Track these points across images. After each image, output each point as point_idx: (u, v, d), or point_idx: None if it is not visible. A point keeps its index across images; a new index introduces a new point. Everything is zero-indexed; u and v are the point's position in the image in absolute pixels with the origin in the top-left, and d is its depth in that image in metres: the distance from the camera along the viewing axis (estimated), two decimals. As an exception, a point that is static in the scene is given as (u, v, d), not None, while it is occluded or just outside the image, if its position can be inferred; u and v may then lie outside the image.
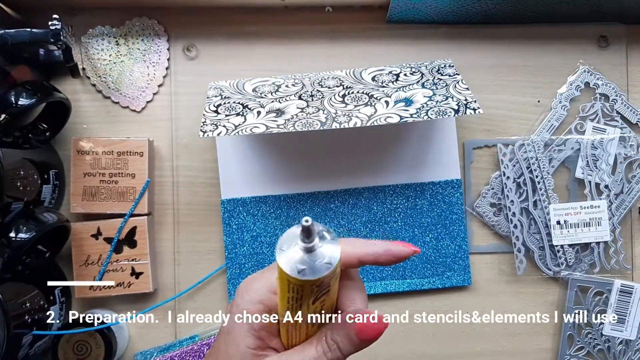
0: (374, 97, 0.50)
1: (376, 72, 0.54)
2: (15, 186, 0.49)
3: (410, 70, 0.54)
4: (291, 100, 0.50)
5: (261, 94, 0.52)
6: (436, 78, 0.52)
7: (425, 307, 0.57)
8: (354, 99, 0.50)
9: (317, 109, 0.48)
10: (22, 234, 0.47)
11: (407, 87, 0.51)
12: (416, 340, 0.57)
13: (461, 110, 0.46)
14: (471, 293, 0.57)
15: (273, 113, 0.48)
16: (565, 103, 0.57)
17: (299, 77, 0.55)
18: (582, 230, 0.56)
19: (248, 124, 0.47)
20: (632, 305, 0.55)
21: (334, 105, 0.49)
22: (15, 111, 0.48)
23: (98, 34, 0.57)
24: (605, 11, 0.56)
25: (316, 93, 0.51)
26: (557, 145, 0.56)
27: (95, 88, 0.57)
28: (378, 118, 0.46)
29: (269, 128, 0.46)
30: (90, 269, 0.54)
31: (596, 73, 0.57)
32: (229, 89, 0.53)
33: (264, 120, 0.47)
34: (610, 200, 0.56)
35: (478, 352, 0.57)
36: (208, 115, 0.49)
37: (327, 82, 0.53)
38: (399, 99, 0.48)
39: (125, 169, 0.54)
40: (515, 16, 0.57)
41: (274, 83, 0.54)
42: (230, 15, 0.57)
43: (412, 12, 0.55)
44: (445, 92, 0.49)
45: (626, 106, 0.57)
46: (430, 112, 0.46)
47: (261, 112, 0.48)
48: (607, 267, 0.56)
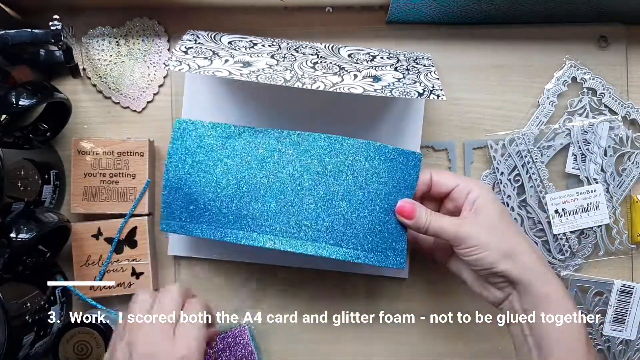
0: (345, 69, 0.49)
1: (354, 51, 0.54)
2: (16, 186, 0.49)
3: (387, 55, 0.54)
4: (262, 57, 0.50)
5: (235, 47, 0.52)
6: (411, 65, 0.52)
7: (426, 307, 0.57)
8: (325, 67, 0.49)
9: (285, 68, 0.48)
10: (22, 234, 0.47)
11: (380, 67, 0.50)
12: (416, 340, 0.57)
13: (425, 94, 0.45)
14: (471, 292, 0.57)
15: (240, 63, 0.48)
16: (553, 99, 0.57)
17: (277, 41, 0.55)
18: (581, 216, 0.56)
19: (212, 67, 0.46)
20: (632, 305, 0.55)
21: (303, 69, 0.48)
22: (15, 111, 0.48)
23: (99, 35, 0.57)
24: (605, 11, 0.56)
25: (289, 56, 0.51)
26: (547, 139, 0.56)
27: (95, 88, 0.57)
28: (342, 86, 0.45)
29: (232, 74, 0.45)
30: (91, 269, 0.54)
31: (582, 67, 0.57)
32: (204, 37, 0.53)
33: (229, 67, 0.47)
34: (607, 182, 0.56)
35: (478, 352, 0.57)
36: (176, 53, 0.49)
37: (303, 49, 0.53)
38: (368, 75, 0.48)
39: (126, 169, 0.54)
40: (515, 16, 0.57)
41: (251, 41, 0.54)
42: (230, 16, 0.57)
43: (412, 13, 0.55)
44: (415, 78, 0.49)
45: (614, 99, 0.57)
46: (395, 90, 0.45)
47: (229, 61, 0.48)
48: (612, 249, 0.56)
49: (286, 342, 0.57)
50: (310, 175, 0.49)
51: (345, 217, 0.49)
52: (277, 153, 0.49)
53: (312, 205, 0.49)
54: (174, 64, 0.46)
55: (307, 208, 0.49)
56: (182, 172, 0.50)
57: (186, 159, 0.50)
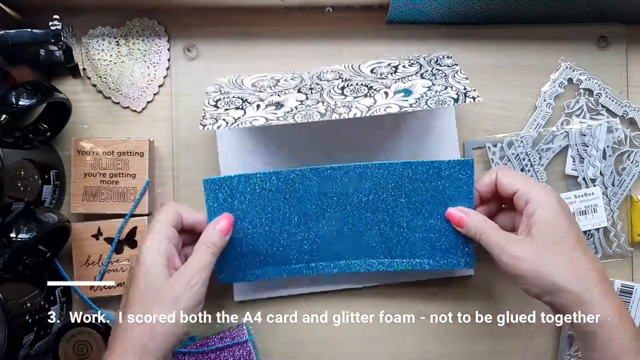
0: (373, 88, 0.49)
1: (375, 65, 0.54)
2: (16, 186, 0.49)
3: (408, 62, 0.54)
4: (290, 93, 0.50)
5: (260, 88, 0.52)
6: (435, 69, 0.52)
7: (426, 306, 0.57)
8: (353, 90, 0.50)
9: (316, 101, 0.48)
10: (22, 234, 0.47)
11: (406, 78, 0.51)
12: (416, 340, 0.57)
13: (460, 99, 0.45)
14: (471, 292, 0.57)
15: (272, 106, 0.48)
16: (550, 101, 0.57)
17: (297, 72, 0.55)
18: (579, 219, 0.56)
19: (248, 117, 0.46)
20: (632, 305, 0.55)
21: (334, 97, 0.49)
22: (15, 111, 0.48)
23: (99, 35, 0.57)
24: (605, 11, 0.56)
25: (315, 86, 0.51)
26: (545, 141, 0.56)
27: (95, 88, 0.57)
28: (378, 108, 0.45)
29: (269, 120, 0.45)
30: (91, 269, 0.54)
31: (578, 68, 0.57)
32: (228, 85, 0.53)
33: (263, 113, 0.47)
34: (605, 185, 0.56)
35: (478, 352, 0.57)
36: (207, 110, 0.49)
37: (325, 75, 0.53)
38: (398, 90, 0.48)
39: (126, 169, 0.54)
40: (515, 16, 0.57)
41: (273, 78, 0.54)
42: (230, 16, 0.57)
43: (412, 12, 0.55)
44: (444, 82, 0.49)
45: (611, 99, 0.57)
46: (430, 101, 0.45)
47: (260, 105, 0.48)
48: (609, 252, 0.56)
49: (286, 342, 0.57)
50: (364, 203, 0.51)
51: (403, 234, 0.51)
52: (327, 188, 0.51)
53: (372, 229, 0.51)
54: (211, 122, 0.46)
55: (367, 233, 0.51)
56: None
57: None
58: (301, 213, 0.50)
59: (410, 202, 0.51)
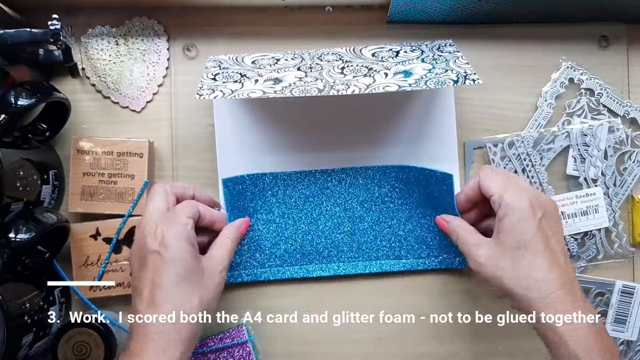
0: (373, 69, 0.49)
1: (376, 49, 0.54)
2: (15, 186, 0.49)
3: (410, 48, 0.54)
4: (290, 71, 0.50)
5: (260, 65, 0.52)
6: (436, 55, 0.52)
7: (426, 307, 0.57)
8: (353, 70, 0.50)
9: (315, 79, 0.48)
10: (21, 235, 0.47)
11: (407, 61, 0.51)
12: (416, 340, 0.57)
13: (460, 81, 0.45)
14: (471, 292, 0.57)
15: (271, 81, 0.48)
16: (551, 101, 0.57)
17: (298, 52, 0.55)
18: (581, 220, 0.56)
19: (245, 89, 0.46)
20: (634, 306, 0.55)
21: (333, 76, 0.49)
22: (14, 111, 0.48)
23: (98, 34, 0.56)
24: (606, 11, 0.56)
25: (315, 66, 0.51)
26: (546, 141, 0.56)
27: (94, 88, 0.57)
28: (376, 86, 0.45)
29: (266, 93, 0.45)
30: (90, 269, 0.54)
31: (579, 68, 0.57)
32: (227, 62, 0.53)
33: (260, 87, 0.47)
34: (606, 185, 0.56)
35: (478, 352, 0.57)
36: (205, 82, 0.49)
37: (326, 57, 0.53)
38: (398, 71, 0.48)
39: (125, 169, 0.54)
40: (515, 16, 0.56)
41: (273, 57, 0.54)
42: (230, 15, 0.57)
43: (412, 12, 0.55)
44: (445, 66, 0.48)
45: (612, 99, 0.57)
46: (429, 82, 0.45)
47: (259, 80, 0.48)
48: (611, 253, 0.56)
49: (286, 342, 0.56)
50: (360, 204, 0.55)
51: (398, 233, 0.55)
52: (326, 190, 0.55)
53: (367, 230, 0.55)
54: (207, 92, 0.46)
55: (363, 233, 0.55)
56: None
57: (240, 214, 0.54)
58: (298, 214, 0.51)
59: (405, 203, 0.54)
